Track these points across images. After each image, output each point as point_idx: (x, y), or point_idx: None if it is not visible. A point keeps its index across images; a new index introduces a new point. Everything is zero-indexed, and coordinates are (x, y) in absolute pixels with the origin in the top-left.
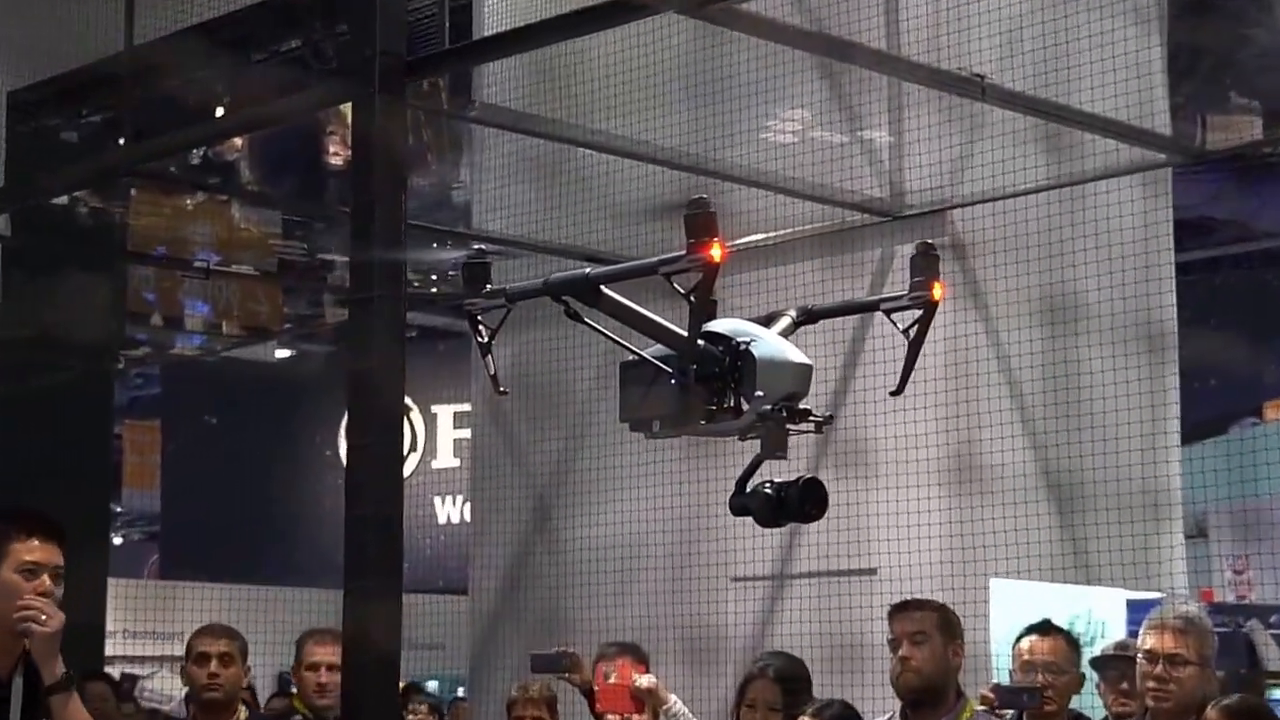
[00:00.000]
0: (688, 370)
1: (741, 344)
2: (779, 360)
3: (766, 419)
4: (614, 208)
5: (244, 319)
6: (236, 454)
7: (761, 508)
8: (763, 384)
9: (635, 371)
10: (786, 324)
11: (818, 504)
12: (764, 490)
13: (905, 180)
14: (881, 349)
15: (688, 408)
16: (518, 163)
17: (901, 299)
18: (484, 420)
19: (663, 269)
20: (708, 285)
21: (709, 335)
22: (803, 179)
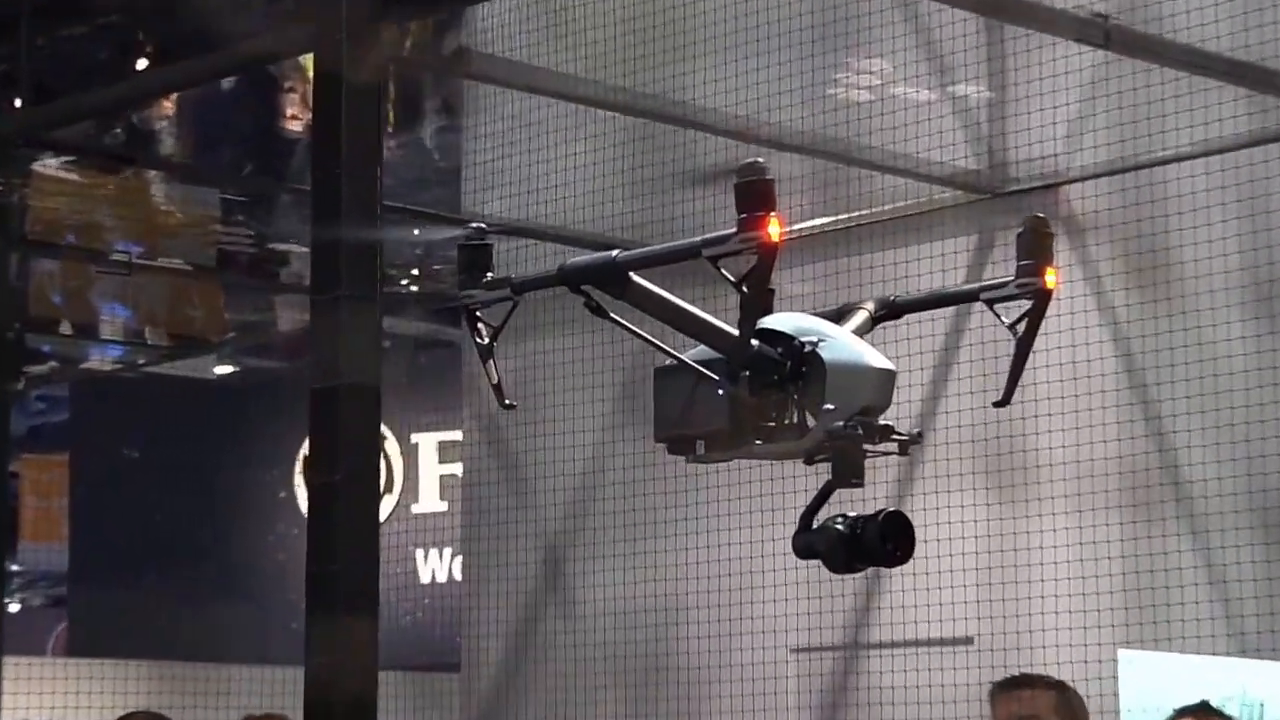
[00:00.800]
0: (739, 377)
1: (807, 345)
2: (853, 364)
3: (838, 437)
4: (642, 183)
5: (175, 326)
6: (165, 497)
7: (832, 548)
8: (833, 394)
9: (673, 379)
10: (862, 320)
11: (904, 543)
12: (835, 527)
13: (1008, 148)
14: (981, 351)
15: (739, 424)
16: (521, 128)
17: (1006, 286)
18: (478, 451)
19: (707, 251)
20: (764, 271)
21: (765, 334)
22: (880, 147)
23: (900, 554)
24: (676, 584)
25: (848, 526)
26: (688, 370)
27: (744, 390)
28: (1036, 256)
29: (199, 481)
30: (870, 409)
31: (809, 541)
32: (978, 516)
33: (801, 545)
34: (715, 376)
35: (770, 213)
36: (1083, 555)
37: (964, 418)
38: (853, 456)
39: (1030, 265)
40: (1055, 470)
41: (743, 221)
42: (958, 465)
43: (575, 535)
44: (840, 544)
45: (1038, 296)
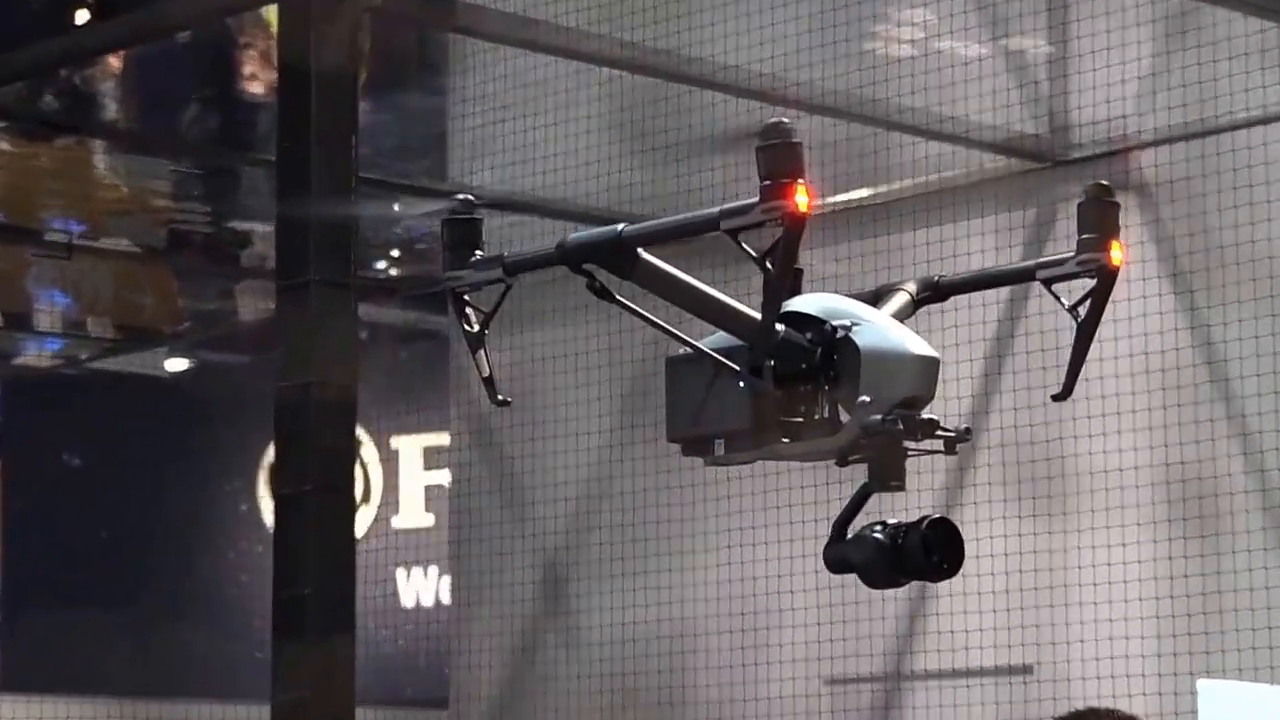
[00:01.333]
0: (763, 367)
1: (839, 329)
2: (892, 351)
3: (876, 434)
4: (653, 151)
5: (121, 316)
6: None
7: (870, 561)
8: (870, 385)
9: (688, 371)
10: (902, 302)
11: (951, 555)
12: (873, 536)
13: (1070, 109)
14: (1040, 340)
15: (763, 421)
16: (515, 89)
17: (1066, 264)
18: (468, 457)
19: (727, 223)
20: (791, 245)
21: (793, 318)
22: (924, 109)
23: (947, 566)
24: (693, 606)
25: (887, 536)
26: (704, 360)
27: (768, 382)
28: (1100, 229)
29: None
30: (912, 401)
31: (843, 553)
32: (1036, 528)
33: (835, 557)
34: (736, 367)
35: (797, 180)
36: (1156, 573)
37: (1018, 416)
38: (892, 456)
39: (1093, 239)
40: (1124, 476)
41: (766, 189)
42: (1012, 470)
43: (578, 552)
44: (879, 555)
45: (1102, 275)
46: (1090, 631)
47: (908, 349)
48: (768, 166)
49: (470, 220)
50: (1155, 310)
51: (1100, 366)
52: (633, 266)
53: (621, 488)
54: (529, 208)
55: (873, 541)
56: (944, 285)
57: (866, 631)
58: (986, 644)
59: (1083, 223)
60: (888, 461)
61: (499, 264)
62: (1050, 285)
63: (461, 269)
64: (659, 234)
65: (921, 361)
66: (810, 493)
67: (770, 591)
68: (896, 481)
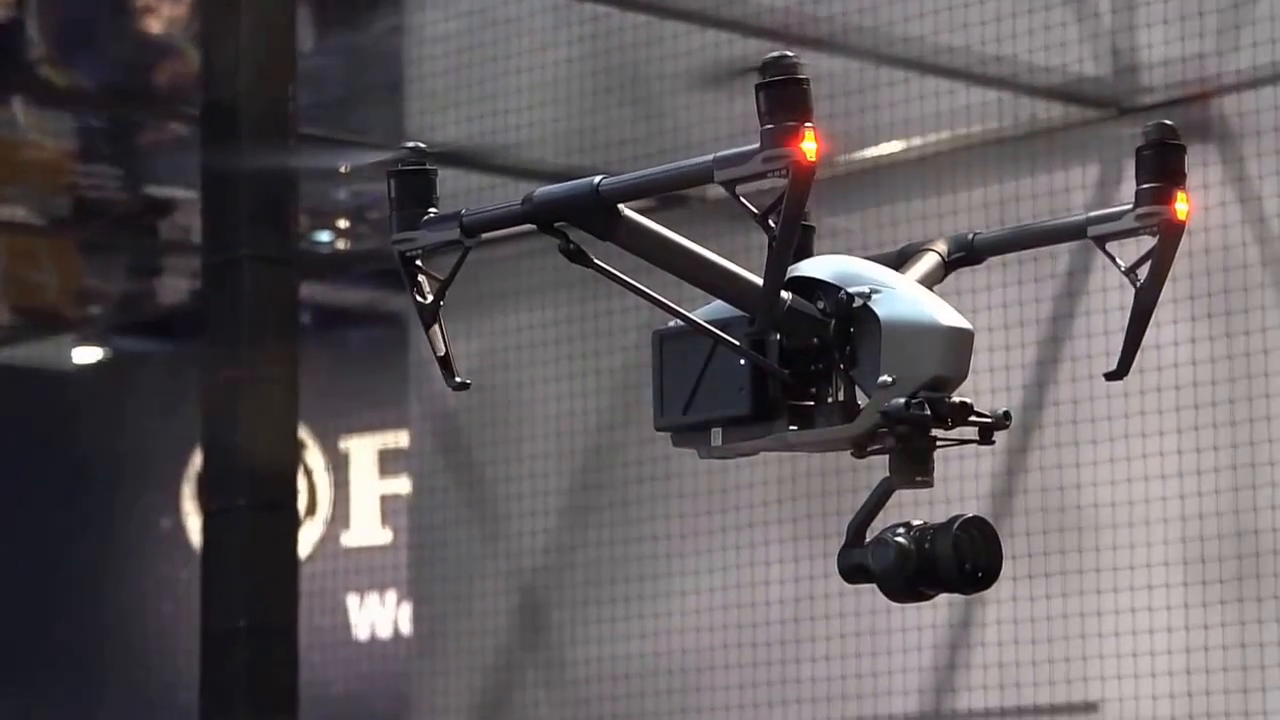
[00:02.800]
0: (767, 342)
1: (857, 297)
2: (919, 323)
3: (899, 421)
4: (637, 102)
5: (17, 298)
6: (3, 528)
7: (891, 569)
8: (891, 363)
9: (679, 347)
10: (931, 264)
11: (987, 563)
12: (895, 539)
13: (1139, 47)
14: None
15: (768, 405)
16: (481, 29)
17: (1123, 218)
18: (430, 463)
19: (722, 173)
20: (798, 199)
21: (801, 284)
22: (965, 48)
23: (983, 576)
24: (694, 637)
25: (911, 539)
26: (698, 334)
27: (773, 359)
28: (1163, 178)
29: (50, 505)
30: (941, 382)
31: (859, 559)
32: (1100, 553)
33: (849, 564)
34: (735, 342)
35: (805, 123)
36: (1240, 616)
37: (1081, 412)
38: (918, 446)
39: (1154, 189)
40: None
41: (768, 135)
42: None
43: (560, 574)
44: (901, 562)
45: (1165, 231)
46: (1155, 665)
47: (937, 320)
48: (770, 107)
49: (422, 172)
50: (1239, 288)
51: (1170, 352)
52: (613, 225)
53: (610, 498)
54: (497, 166)
55: (895, 546)
56: (979, 244)
57: (900, 665)
58: (1043, 678)
59: (1142, 170)
60: (913, 453)
61: (456, 223)
62: (1104, 243)
63: (412, 229)
64: (643, 187)
65: (953, 335)
66: (832, 500)
67: (785, 619)
68: (923, 476)
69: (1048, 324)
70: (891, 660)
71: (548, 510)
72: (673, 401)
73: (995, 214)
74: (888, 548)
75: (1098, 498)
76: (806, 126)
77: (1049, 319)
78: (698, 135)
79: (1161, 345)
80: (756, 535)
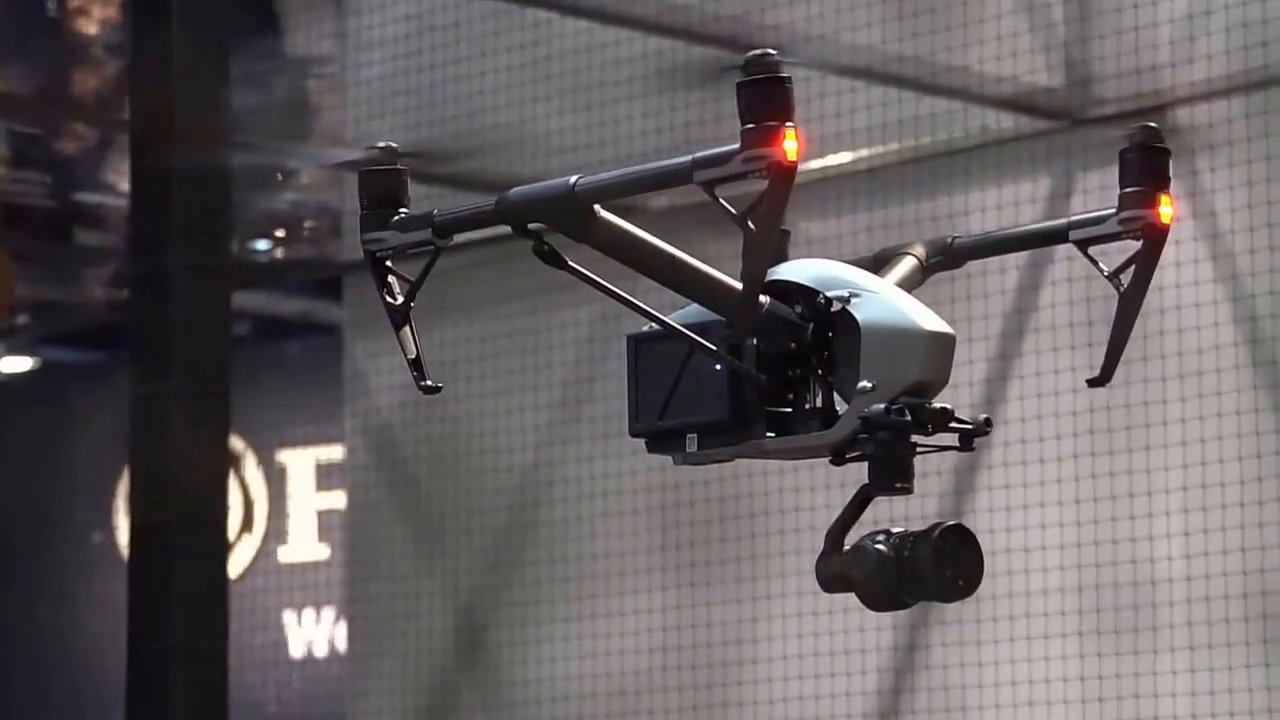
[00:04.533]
0: (744, 346)
1: (835, 301)
2: (899, 328)
3: (879, 427)
4: (591, 108)
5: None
6: None
7: (872, 577)
8: (872, 368)
9: (654, 351)
10: (909, 268)
11: (967, 570)
12: (875, 547)
13: (1095, 59)
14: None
15: (744, 411)
16: (424, 32)
17: (1106, 222)
18: (368, 476)
19: (701, 174)
20: (777, 201)
21: (779, 288)
22: (921, 58)
23: (963, 584)
24: (638, 658)
25: (892, 547)
26: (674, 339)
27: (750, 364)
28: (1147, 182)
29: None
30: (922, 387)
31: (839, 568)
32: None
33: (829, 573)
34: (712, 346)
35: (785, 123)
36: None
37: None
38: (898, 452)
39: (1138, 193)
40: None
41: (748, 135)
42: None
43: (499, 592)
44: (881, 571)
45: (1149, 236)
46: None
47: (917, 325)
48: (750, 106)
49: (392, 172)
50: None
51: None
52: (588, 226)
53: (550, 516)
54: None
55: (874, 554)
56: (958, 249)
57: (844, 688)
58: (988, 702)
59: (1126, 173)
60: (893, 459)
61: (428, 224)
62: (1086, 248)
63: (382, 230)
64: (620, 187)
65: (933, 340)
66: (776, 519)
67: (728, 640)
68: (903, 483)
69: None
70: (835, 683)
71: (486, 528)
72: (648, 407)
73: (945, 226)
74: (868, 555)
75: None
76: (788, 126)
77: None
78: (640, 145)
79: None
80: (699, 554)
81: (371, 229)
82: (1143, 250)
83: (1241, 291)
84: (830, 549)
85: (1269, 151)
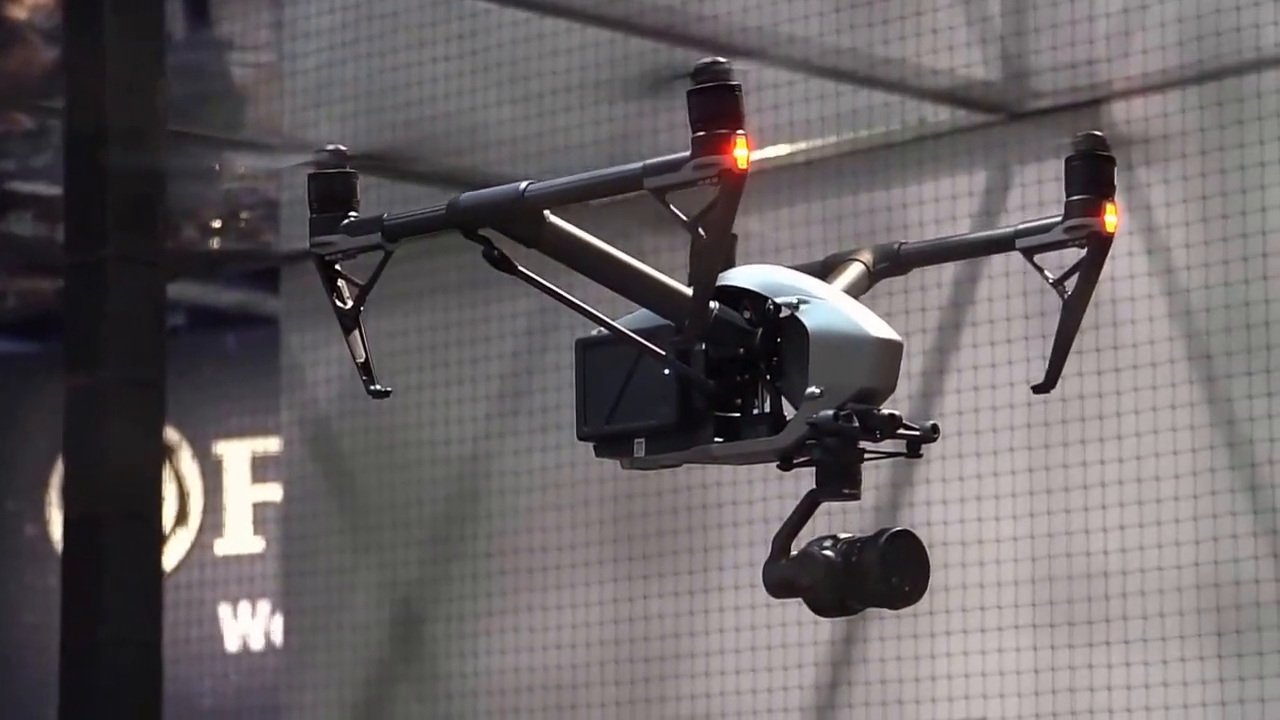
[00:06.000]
0: (693, 352)
1: (784, 308)
2: (847, 334)
3: (827, 433)
4: (514, 93)
5: None
6: None
7: (820, 583)
8: (820, 374)
9: (603, 356)
10: (857, 274)
11: (914, 576)
12: (822, 553)
13: (1031, 52)
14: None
15: (692, 416)
16: (354, 24)
17: (1052, 230)
18: (304, 469)
19: (652, 181)
20: (728, 208)
21: (728, 293)
22: (853, 50)
23: (910, 589)
24: (574, 653)
25: (840, 553)
26: (623, 344)
27: (699, 370)
28: (1092, 189)
29: None
30: (869, 394)
31: (787, 574)
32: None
33: (776, 579)
34: (660, 351)
35: (736, 131)
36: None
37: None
38: (846, 458)
39: (1083, 201)
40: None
41: (699, 142)
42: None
43: (435, 586)
44: (829, 577)
45: (1093, 243)
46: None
47: (866, 331)
48: (700, 114)
49: (342, 175)
50: (1126, 295)
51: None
52: (538, 232)
53: (487, 509)
54: (380, 168)
55: (821, 560)
56: (905, 255)
57: (781, 683)
58: (924, 696)
59: (1072, 181)
60: (841, 465)
61: (378, 228)
62: (1032, 256)
63: (331, 234)
64: (571, 193)
65: (881, 346)
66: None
67: (665, 634)
68: (850, 489)
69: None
70: (771, 678)
71: (423, 520)
72: (596, 411)
73: (882, 219)
74: (814, 562)
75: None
76: (738, 134)
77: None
78: (577, 136)
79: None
80: (637, 548)
81: (320, 233)
82: (1087, 258)
83: (1177, 285)
84: (777, 554)
85: (1205, 146)
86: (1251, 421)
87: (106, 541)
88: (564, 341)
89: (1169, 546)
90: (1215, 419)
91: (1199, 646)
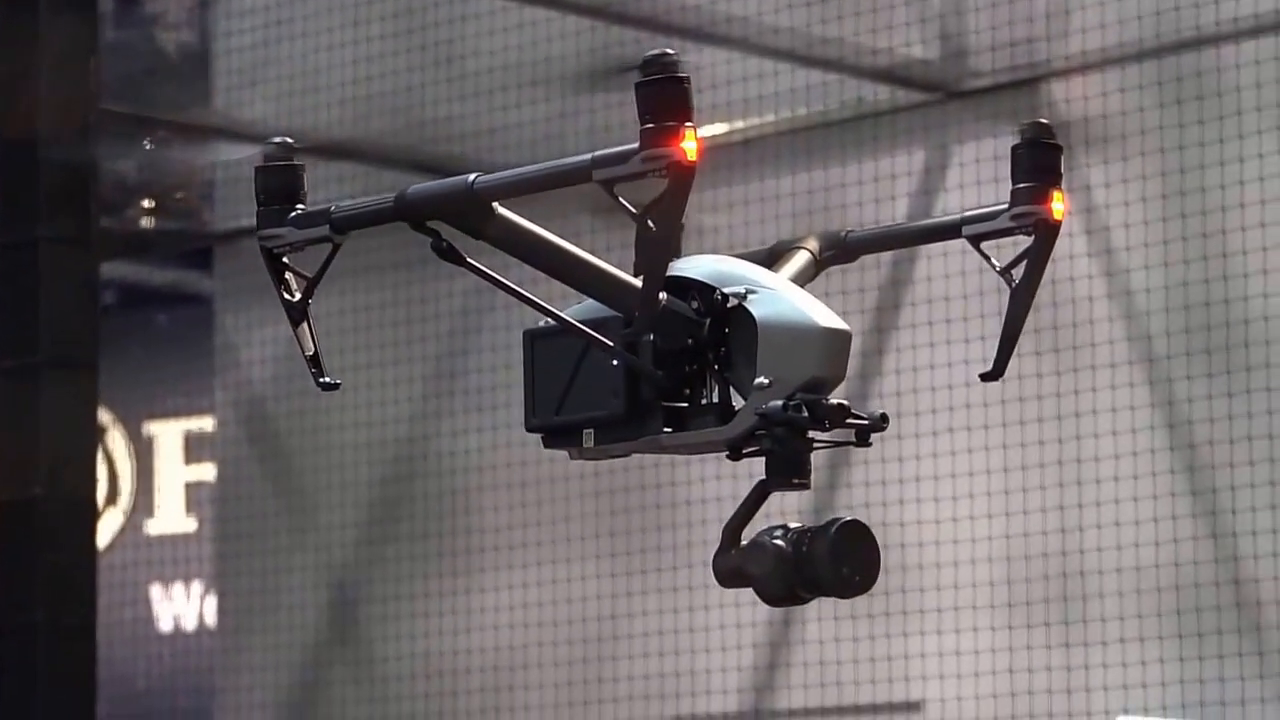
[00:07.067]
0: (641, 342)
1: (732, 298)
2: (795, 324)
3: (776, 423)
4: (449, 72)
5: None
6: None
7: (771, 572)
8: (768, 364)
9: (550, 347)
10: (803, 263)
11: (864, 566)
12: (772, 543)
13: (969, 32)
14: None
15: (641, 406)
16: (288, 2)
17: (998, 218)
18: (238, 449)
19: (600, 173)
20: (677, 200)
21: (677, 283)
22: (795, 29)
23: (860, 579)
24: (511, 633)
25: (790, 542)
26: (571, 334)
27: (647, 360)
28: (1039, 177)
29: None
30: (818, 383)
31: (736, 563)
32: (926, 556)
33: (726, 568)
34: (608, 342)
35: (685, 123)
36: (1065, 616)
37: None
38: (795, 448)
39: (1029, 189)
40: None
41: (648, 134)
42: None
43: (370, 568)
44: (780, 567)
45: (1041, 231)
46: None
47: (814, 321)
48: (649, 107)
49: (288, 168)
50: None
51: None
52: (487, 223)
53: (423, 490)
54: (313, 149)
55: (772, 549)
56: (852, 243)
57: (720, 663)
58: (870, 677)
59: (1018, 168)
60: (790, 455)
61: (325, 220)
62: (979, 243)
63: (279, 226)
64: (520, 185)
65: (830, 336)
66: (651, 493)
67: (602, 616)
68: (800, 479)
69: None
70: (710, 659)
71: (358, 501)
72: (544, 402)
73: (820, 199)
74: (765, 552)
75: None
76: (687, 126)
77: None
78: (514, 116)
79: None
80: (573, 530)
81: (268, 225)
82: (1034, 245)
83: (1117, 266)
84: (727, 544)
85: (1143, 125)
86: (1190, 403)
87: (39, 522)
88: (499, 322)
89: (1109, 527)
90: (1156, 400)
91: (1139, 616)
